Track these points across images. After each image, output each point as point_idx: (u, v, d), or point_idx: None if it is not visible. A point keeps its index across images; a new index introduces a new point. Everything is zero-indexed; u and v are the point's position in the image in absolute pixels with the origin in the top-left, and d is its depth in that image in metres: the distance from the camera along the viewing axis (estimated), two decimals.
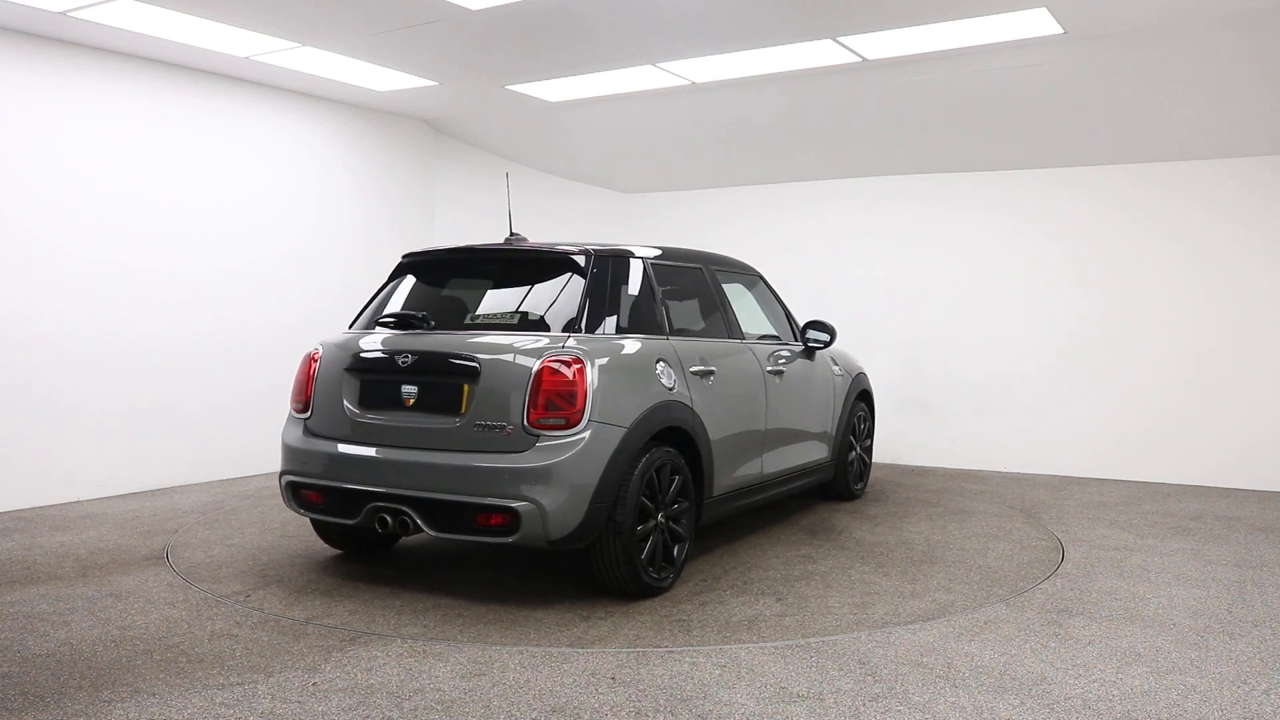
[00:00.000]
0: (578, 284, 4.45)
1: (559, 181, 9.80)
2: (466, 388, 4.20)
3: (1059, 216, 7.98)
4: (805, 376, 5.91)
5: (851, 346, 7.38)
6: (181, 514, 6.04)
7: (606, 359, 4.22)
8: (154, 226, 6.82)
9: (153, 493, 6.73)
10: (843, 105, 7.38)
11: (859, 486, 6.76)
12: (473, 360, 4.21)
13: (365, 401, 4.48)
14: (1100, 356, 7.80)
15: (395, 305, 4.79)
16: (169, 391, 6.92)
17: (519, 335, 4.31)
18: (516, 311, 4.57)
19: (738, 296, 5.90)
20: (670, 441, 4.49)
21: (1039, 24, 5.60)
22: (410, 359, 4.36)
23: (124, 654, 3.58)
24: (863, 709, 3.13)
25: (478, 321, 4.61)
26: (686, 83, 7.04)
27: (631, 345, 4.44)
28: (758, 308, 6.09)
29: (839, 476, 6.48)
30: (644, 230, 10.03)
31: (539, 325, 4.39)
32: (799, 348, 5.98)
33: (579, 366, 4.08)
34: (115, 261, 6.60)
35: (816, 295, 8.43)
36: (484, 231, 8.20)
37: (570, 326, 4.32)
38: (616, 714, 3.08)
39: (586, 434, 4.04)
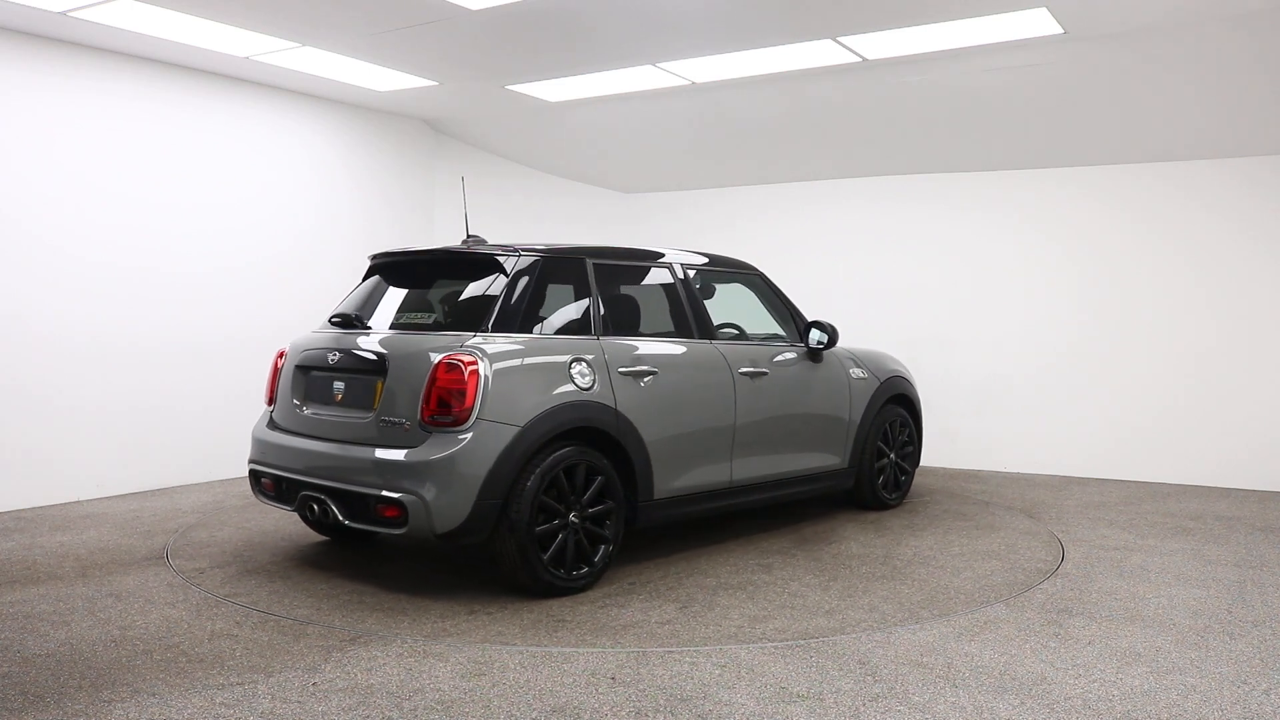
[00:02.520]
0: (499, 284, 4.55)
1: (559, 181, 9.80)
2: (379, 384, 4.37)
3: (1059, 216, 7.97)
4: (802, 378, 5.73)
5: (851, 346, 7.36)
6: (181, 514, 6.04)
7: (505, 359, 4.28)
8: (154, 226, 6.82)
9: (153, 493, 6.73)
10: (843, 105, 7.37)
11: (894, 496, 6.38)
12: (383, 358, 4.40)
13: (308, 396, 4.76)
14: (1100, 356, 7.80)
15: (351, 305, 5.00)
16: (169, 391, 6.92)
17: (430, 334, 4.47)
18: (433, 310, 4.77)
19: (733, 296, 5.85)
20: (587, 441, 4.49)
21: (1039, 24, 5.60)
22: (337, 356, 4.61)
23: (124, 654, 3.59)
24: (863, 709, 3.13)
25: (403, 321, 4.74)
26: (686, 83, 7.04)
27: (540, 345, 4.48)
28: (758, 307, 5.98)
29: (862, 484, 6.14)
30: (644, 230, 10.01)
31: (454, 325, 4.52)
32: (802, 349, 5.83)
33: (472, 366, 4.16)
34: (115, 261, 6.60)
35: (816, 295, 8.41)
36: (482, 230, 8.16)
37: (481, 326, 4.39)
38: (616, 714, 3.08)
39: (471, 432, 4.11)
